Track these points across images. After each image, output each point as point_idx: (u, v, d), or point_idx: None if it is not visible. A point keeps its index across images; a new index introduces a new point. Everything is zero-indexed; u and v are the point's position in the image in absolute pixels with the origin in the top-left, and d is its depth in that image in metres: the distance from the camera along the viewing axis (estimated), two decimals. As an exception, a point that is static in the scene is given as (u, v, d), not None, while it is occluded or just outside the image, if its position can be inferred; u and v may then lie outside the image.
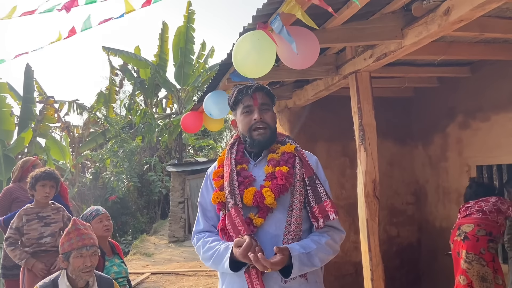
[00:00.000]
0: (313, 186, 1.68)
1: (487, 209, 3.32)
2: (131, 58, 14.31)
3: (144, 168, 14.32)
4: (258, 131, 1.74)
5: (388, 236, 4.96)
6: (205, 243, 1.73)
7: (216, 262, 1.64)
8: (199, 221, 1.85)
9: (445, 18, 2.29)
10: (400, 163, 5.12)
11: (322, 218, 1.64)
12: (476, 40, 3.33)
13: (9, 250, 3.28)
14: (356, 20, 2.67)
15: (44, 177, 3.40)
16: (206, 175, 1.90)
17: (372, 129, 3.17)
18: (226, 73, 3.49)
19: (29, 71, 10.77)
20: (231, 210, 1.63)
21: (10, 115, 10.02)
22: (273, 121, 1.80)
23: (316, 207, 1.65)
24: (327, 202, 1.65)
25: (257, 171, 1.76)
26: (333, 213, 1.64)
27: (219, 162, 1.84)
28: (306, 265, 1.58)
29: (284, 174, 1.66)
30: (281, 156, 1.75)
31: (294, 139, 1.87)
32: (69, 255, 2.25)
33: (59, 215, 3.48)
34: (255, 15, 2.32)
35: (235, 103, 1.81)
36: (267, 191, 1.63)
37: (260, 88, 1.79)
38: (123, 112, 17.78)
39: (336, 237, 1.70)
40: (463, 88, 4.39)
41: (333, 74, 3.57)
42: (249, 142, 1.77)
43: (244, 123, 1.77)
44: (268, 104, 1.79)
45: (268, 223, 1.65)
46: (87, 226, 2.42)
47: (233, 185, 1.69)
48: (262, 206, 1.63)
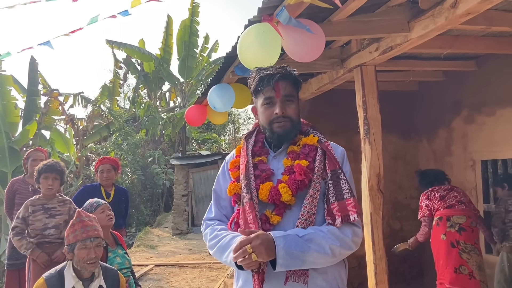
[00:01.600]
0: (336, 181, 1.51)
1: (465, 201, 3.54)
2: (135, 52, 14.32)
3: (147, 161, 14.37)
4: (278, 124, 1.58)
5: (391, 230, 4.97)
6: (213, 230, 1.63)
7: (220, 251, 1.54)
8: (211, 209, 1.74)
9: (453, 11, 2.27)
10: (404, 157, 5.11)
11: (341, 217, 1.45)
12: (482, 33, 3.30)
13: (15, 239, 3.32)
14: (362, 12, 2.66)
15: (46, 169, 3.42)
16: (224, 162, 1.78)
17: (377, 123, 3.16)
18: (230, 66, 3.48)
19: (34, 64, 10.79)
20: (246, 206, 1.50)
21: (15, 107, 10.06)
22: (297, 114, 1.63)
23: (336, 204, 1.47)
24: (350, 201, 1.47)
25: (276, 163, 1.62)
26: (355, 214, 1.46)
27: (237, 151, 1.71)
28: (296, 248, 1.38)
29: (303, 169, 1.51)
30: (301, 148, 1.61)
31: (319, 129, 1.70)
32: (74, 246, 2.27)
33: (65, 207, 3.50)
34: (261, 7, 2.30)
35: (256, 92, 1.63)
36: (283, 187, 1.50)
37: (284, 77, 1.59)
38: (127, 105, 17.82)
39: (346, 229, 1.47)
40: (468, 82, 4.36)
41: (338, 68, 3.56)
42: (269, 135, 1.64)
43: (265, 115, 1.61)
44: (292, 95, 1.61)
45: (285, 221, 1.51)
46: (92, 217, 2.43)
47: (249, 178, 1.55)
48: (279, 203, 1.50)
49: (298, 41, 2.36)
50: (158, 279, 6.37)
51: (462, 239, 3.37)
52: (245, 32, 2.34)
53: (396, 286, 4.18)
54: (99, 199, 3.08)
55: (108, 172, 4.17)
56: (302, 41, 2.36)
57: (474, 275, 3.31)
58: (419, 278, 5.01)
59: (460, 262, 3.34)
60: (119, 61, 15.71)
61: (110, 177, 4.19)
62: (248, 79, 1.71)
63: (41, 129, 10.69)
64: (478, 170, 4.29)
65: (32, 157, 4.28)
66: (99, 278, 2.33)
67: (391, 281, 3.17)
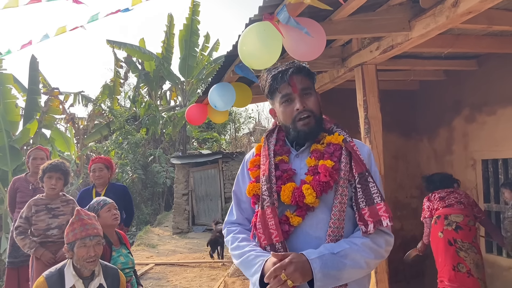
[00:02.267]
0: (364, 185, 1.43)
1: (465, 202, 3.52)
2: (135, 51, 14.32)
3: (148, 160, 14.38)
4: (303, 121, 1.49)
5: (392, 229, 4.95)
6: (234, 239, 1.55)
7: (245, 267, 1.46)
8: (232, 212, 1.66)
9: (454, 10, 2.27)
10: (404, 156, 5.11)
11: (373, 222, 1.39)
12: (483, 33, 3.30)
13: (18, 239, 3.33)
14: (363, 11, 2.65)
15: (50, 169, 3.43)
16: (243, 162, 1.69)
17: (377, 122, 3.16)
18: (231, 65, 3.47)
19: (34, 63, 10.79)
20: (266, 210, 1.43)
21: (15, 106, 10.06)
22: (318, 106, 1.54)
23: (367, 209, 1.40)
24: (380, 205, 1.40)
25: (299, 163, 1.54)
26: (387, 219, 1.39)
27: (257, 149, 1.63)
28: (332, 267, 1.32)
29: (328, 170, 1.43)
30: (326, 147, 1.51)
31: (342, 127, 1.61)
32: (73, 245, 2.27)
33: (69, 207, 3.51)
34: (262, 6, 2.30)
35: (271, 92, 1.56)
36: (307, 189, 1.42)
37: (298, 71, 1.52)
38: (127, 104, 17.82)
39: (379, 240, 1.42)
40: (469, 82, 4.35)
41: (339, 67, 3.56)
42: (293, 134, 1.53)
43: (286, 114, 1.52)
44: (309, 88, 1.53)
45: (307, 223, 1.43)
46: (91, 216, 2.43)
47: (270, 181, 1.47)
48: (302, 205, 1.42)
49: (299, 40, 2.36)
50: (158, 278, 6.37)
51: (459, 237, 3.38)
52: (246, 31, 2.34)
53: (396, 285, 4.18)
54: (106, 198, 3.08)
55: (100, 171, 4.09)
56: (303, 40, 2.35)
57: (472, 273, 3.32)
58: (419, 277, 5.01)
59: (458, 260, 3.35)
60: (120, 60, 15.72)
61: (103, 176, 4.10)
62: (260, 81, 1.65)
63: (42, 128, 10.70)
64: (478, 170, 4.29)
65: (33, 156, 4.29)
66: (99, 276, 2.34)
67: (391, 280, 3.17)
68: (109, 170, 4.18)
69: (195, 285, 5.95)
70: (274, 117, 1.65)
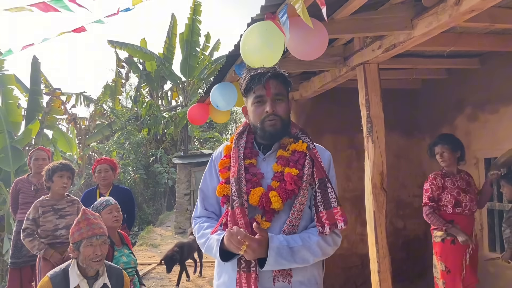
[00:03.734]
0: (323, 190, 1.57)
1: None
2: (136, 51, 14.33)
3: (150, 160, 14.39)
4: (270, 122, 1.61)
5: (394, 229, 4.96)
6: (200, 228, 1.69)
7: (208, 250, 1.62)
8: (197, 208, 1.79)
9: (456, 8, 2.26)
10: (407, 156, 5.10)
11: (329, 225, 1.54)
12: (486, 31, 3.29)
13: (27, 241, 3.33)
14: (365, 10, 2.65)
15: (62, 168, 3.47)
16: (210, 160, 1.81)
17: (380, 121, 3.15)
18: (233, 64, 3.47)
19: (36, 63, 10.82)
20: (236, 210, 1.54)
21: (17, 107, 10.08)
22: (287, 113, 1.65)
23: (324, 212, 1.55)
24: (337, 209, 1.55)
25: (265, 166, 1.66)
26: (342, 222, 1.54)
27: (226, 150, 1.73)
28: (285, 259, 1.49)
29: (294, 178, 1.56)
30: (291, 154, 1.64)
31: (307, 133, 1.73)
32: (80, 244, 2.27)
33: (74, 207, 3.53)
34: (264, 5, 2.30)
35: (247, 90, 1.67)
36: (274, 196, 1.54)
37: (274, 76, 1.62)
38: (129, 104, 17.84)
39: (328, 239, 1.58)
40: (472, 80, 4.34)
41: (341, 66, 3.55)
42: (260, 134, 1.66)
43: (256, 114, 1.64)
44: (283, 94, 1.64)
45: (273, 225, 1.57)
46: (97, 216, 2.44)
47: (240, 182, 1.58)
48: (268, 209, 1.56)
49: (301, 40, 2.35)
50: (161, 277, 6.38)
51: None
52: (248, 30, 2.34)
53: (400, 284, 4.17)
54: (110, 198, 3.09)
55: (106, 172, 4.10)
56: (305, 39, 2.35)
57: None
58: (423, 275, 5.00)
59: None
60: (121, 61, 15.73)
61: (108, 177, 4.11)
62: (239, 78, 1.72)
63: (44, 129, 10.73)
64: (481, 168, 4.28)
65: (35, 156, 4.29)
66: (104, 276, 2.34)
67: (394, 279, 3.16)
68: (114, 171, 4.19)
69: (197, 284, 5.95)
70: (245, 115, 1.75)
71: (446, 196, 3.36)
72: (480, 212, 4.26)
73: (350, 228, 4.87)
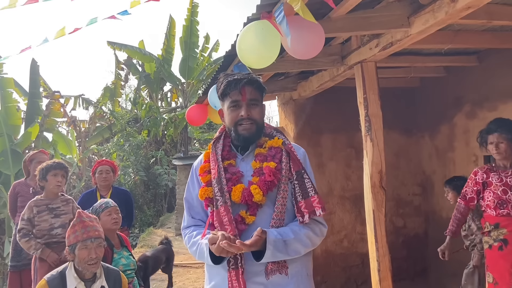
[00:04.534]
0: (301, 181, 1.66)
1: None
2: (135, 52, 14.33)
3: (150, 162, 14.38)
4: (244, 126, 1.70)
5: (394, 227, 4.95)
6: (190, 238, 1.75)
7: (201, 257, 1.68)
8: (185, 219, 1.86)
9: (453, 5, 2.26)
10: (406, 154, 5.10)
11: (308, 213, 1.62)
12: (483, 28, 3.29)
13: (23, 241, 3.32)
14: (362, 8, 2.64)
15: (56, 166, 3.48)
16: (191, 170, 1.88)
17: (378, 120, 3.14)
18: (230, 64, 3.47)
19: (35, 67, 10.81)
20: (220, 209, 1.62)
21: (17, 110, 10.09)
22: (261, 117, 1.75)
23: (303, 202, 1.63)
24: (314, 198, 1.63)
25: (245, 166, 1.74)
26: (320, 209, 1.62)
27: (206, 156, 1.81)
28: (280, 251, 1.57)
29: (272, 170, 1.64)
30: (268, 150, 1.72)
31: (282, 132, 1.83)
32: (75, 247, 2.27)
33: (69, 206, 3.53)
34: (259, 4, 2.29)
35: (223, 95, 1.75)
36: (255, 189, 1.61)
37: (250, 83, 1.70)
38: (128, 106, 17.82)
39: (316, 229, 1.67)
40: (470, 78, 4.33)
41: (339, 65, 3.54)
42: (234, 136, 1.74)
43: (231, 117, 1.72)
44: (257, 100, 1.73)
45: (258, 219, 1.63)
46: (93, 218, 2.44)
47: (221, 182, 1.66)
48: (251, 203, 1.62)
49: (298, 39, 2.34)
50: (162, 279, 6.37)
51: None
52: (244, 30, 2.33)
53: (400, 283, 4.17)
54: (109, 200, 3.08)
55: (107, 173, 4.10)
56: (301, 39, 2.34)
57: None
58: (423, 274, 5.00)
59: None
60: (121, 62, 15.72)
61: (108, 179, 4.12)
62: (216, 83, 1.82)
63: (43, 131, 10.72)
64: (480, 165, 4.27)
65: (37, 159, 4.28)
66: (101, 279, 2.34)
67: (394, 278, 3.16)
68: (114, 173, 4.20)
69: (199, 286, 5.94)
70: (222, 118, 1.83)
71: (489, 195, 2.89)
72: (480, 210, 4.25)
73: (350, 227, 4.87)
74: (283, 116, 5.20)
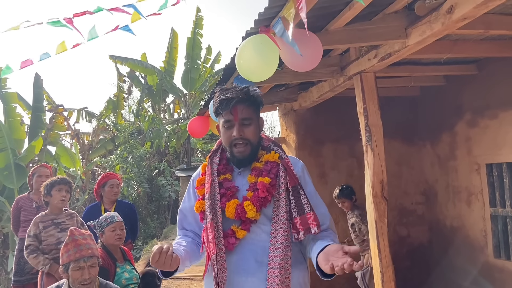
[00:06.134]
0: (296, 197, 1.63)
1: None
2: (137, 66, 14.44)
3: (153, 174, 14.39)
4: (238, 148, 1.67)
5: (398, 237, 4.92)
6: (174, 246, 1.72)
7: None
8: (177, 230, 1.85)
9: (449, 16, 2.28)
10: (408, 163, 5.09)
11: (303, 230, 1.58)
12: (481, 37, 3.30)
13: (31, 257, 3.34)
14: (359, 21, 2.67)
15: (60, 182, 3.52)
16: (190, 181, 1.86)
17: (378, 130, 3.15)
18: (230, 77, 3.50)
19: (38, 81, 10.91)
20: (208, 225, 1.60)
21: (21, 124, 10.15)
22: (255, 135, 1.70)
23: (298, 218, 1.60)
24: (309, 215, 1.59)
25: (241, 179, 1.72)
26: (315, 227, 1.58)
27: (203, 169, 1.79)
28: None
29: (266, 186, 1.61)
30: (264, 165, 1.69)
31: (279, 145, 1.80)
32: (68, 266, 2.25)
33: (73, 220, 3.57)
34: (257, 19, 2.33)
35: (216, 113, 1.73)
36: (248, 205, 1.60)
37: (241, 101, 1.65)
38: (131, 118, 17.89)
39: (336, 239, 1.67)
40: (470, 86, 4.34)
41: (338, 75, 3.57)
42: (230, 156, 1.73)
43: (225, 137, 1.71)
44: (250, 118, 1.68)
45: (252, 235, 1.62)
46: (86, 235, 2.40)
47: (213, 198, 1.64)
48: (245, 219, 1.60)
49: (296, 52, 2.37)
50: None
51: None
52: (242, 44, 2.36)
53: (405, 293, 4.13)
54: (115, 215, 3.09)
55: (117, 187, 4.12)
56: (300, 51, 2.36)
57: None
58: (428, 285, 4.95)
59: None
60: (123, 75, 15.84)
61: (118, 192, 4.14)
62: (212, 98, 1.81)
63: (47, 145, 10.79)
64: (483, 174, 4.26)
65: (38, 173, 4.31)
66: (99, 296, 2.32)
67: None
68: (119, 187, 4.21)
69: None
70: (219, 133, 1.80)
71: None
72: (484, 219, 4.23)
73: (354, 238, 4.85)
74: (284, 127, 5.21)
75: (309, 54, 2.41)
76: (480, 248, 4.29)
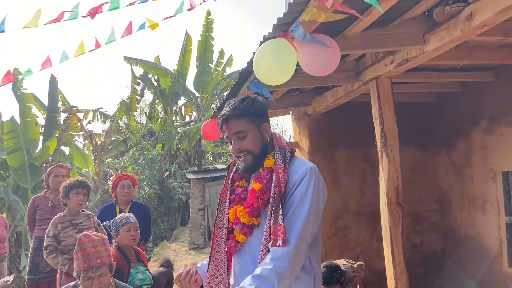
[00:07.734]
0: (277, 205, 1.58)
1: None
2: (151, 67, 14.58)
3: (164, 175, 14.47)
4: (241, 159, 1.73)
5: (411, 244, 4.88)
6: None
7: None
8: None
9: (468, 23, 2.26)
10: (423, 169, 5.04)
11: (272, 240, 1.55)
12: (499, 44, 3.27)
13: (50, 258, 3.39)
14: (376, 26, 2.67)
15: (78, 185, 3.54)
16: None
17: (393, 135, 3.14)
18: (246, 81, 3.51)
19: (54, 82, 11.08)
20: (214, 229, 1.77)
21: (35, 124, 10.30)
22: (254, 144, 1.70)
23: (272, 227, 1.56)
24: (280, 226, 1.54)
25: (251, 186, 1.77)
26: (281, 240, 1.51)
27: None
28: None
29: (254, 193, 1.66)
30: (263, 171, 1.72)
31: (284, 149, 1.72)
32: (79, 274, 2.26)
33: (90, 221, 3.62)
34: (276, 24, 2.34)
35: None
36: (241, 211, 1.67)
37: (231, 117, 1.68)
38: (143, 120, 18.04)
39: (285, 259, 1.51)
40: (486, 93, 4.30)
41: (353, 81, 3.56)
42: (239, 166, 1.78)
43: (231, 150, 1.77)
44: (244, 131, 1.69)
45: (253, 239, 1.67)
46: (97, 242, 2.31)
47: (224, 204, 1.78)
48: (242, 224, 1.68)
49: (313, 56, 2.38)
50: (175, 294, 6.36)
51: None
52: (260, 48, 2.38)
53: (418, 301, 4.09)
54: (130, 216, 3.12)
55: (129, 188, 4.16)
56: (317, 56, 2.37)
57: None
58: (441, 293, 4.89)
59: None
60: (137, 77, 16.00)
61: (130, 193, 4.17)
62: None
63: (61, 145, 10.92)
64: (499, 182, 4.20)
65: (54, 173, 4.37)
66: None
67: (412, 296, 3.11)
68: (134, 187, 4.25)
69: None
70: None
71: None
72: (499, 227, 4.17)
73: (366, 244, 4.81)
74: (297, 131, 5.21)
75: (327, 59, 2.42)
76: (495, 256, 4.22)
